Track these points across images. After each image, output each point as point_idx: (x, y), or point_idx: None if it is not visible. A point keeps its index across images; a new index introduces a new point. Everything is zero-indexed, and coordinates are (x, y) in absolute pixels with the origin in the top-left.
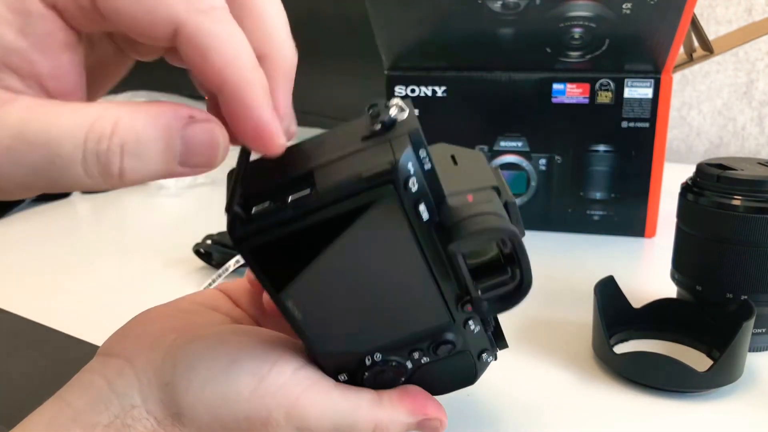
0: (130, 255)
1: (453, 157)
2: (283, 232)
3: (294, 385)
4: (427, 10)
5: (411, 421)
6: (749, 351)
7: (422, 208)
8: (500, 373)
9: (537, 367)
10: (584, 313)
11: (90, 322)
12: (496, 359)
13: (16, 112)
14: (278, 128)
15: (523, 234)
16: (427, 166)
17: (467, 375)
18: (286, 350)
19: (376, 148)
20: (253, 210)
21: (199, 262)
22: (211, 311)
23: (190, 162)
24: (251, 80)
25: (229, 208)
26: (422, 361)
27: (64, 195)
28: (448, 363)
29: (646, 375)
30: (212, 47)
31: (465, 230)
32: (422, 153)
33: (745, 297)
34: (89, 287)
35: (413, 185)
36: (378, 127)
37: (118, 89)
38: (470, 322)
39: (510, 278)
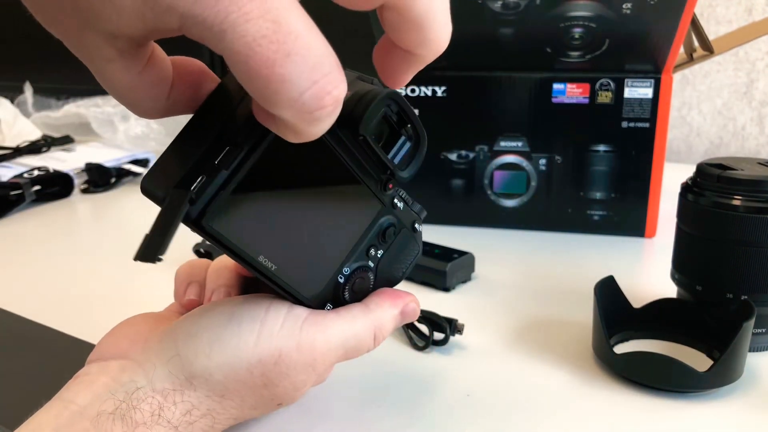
0: (130, 255)
1: None
2: (227, 195)
3: (293, 319)
4: None
5: (396, 312)
6: (749, 351)
7: None
8: (500, 373)
9: (536, 367)
10: (584, 313)
11: (90, 322)
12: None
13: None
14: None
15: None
16: None
17: (413, 249)
18: (273, 298)
19: None
20: (193, 188)
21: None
22: (180, 315)
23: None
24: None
25: (164, 197)
26: (379, 255)
27: (64, 195)
28: (396, 246)
29: (646, 375)
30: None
31: (362, 111)
32: None
33: (746, 297)
34: (89, 287)
35: None
36: None
37: None
38: (396, 201)
39: (408, 137)
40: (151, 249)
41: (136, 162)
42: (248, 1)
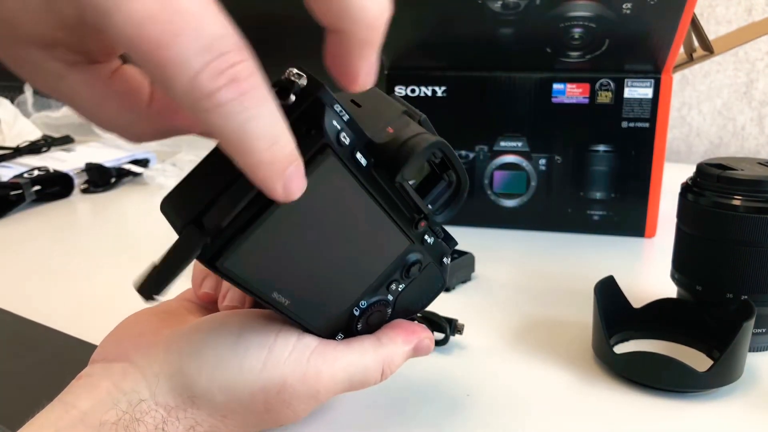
0: (130, 255)
1: (353, 101)
2: (246, 236)
3: (302, 349)
4: (427, 10)
5: (409, 348)
6: (749, 351)
7: (359, 156)
8: (500, 373)
9: (537, 367)
10: (584, 313)
11: (90, 322)
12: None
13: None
14: (280, 189)
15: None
16: (346, 117)
17: (438, 282)
18: (283, 322)
19: (298, 123)
20: (205, 224)
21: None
22: (190, 311)
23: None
24: (255, 164)
25: (182, 228)
26: (400, 289)
27: (64, 195)
28: (419, 281)
29: (646, 375)
30: (216, 136)
31: (403, 159)
32: (337, 107)
33: (746, 297)
34: (89, 287)
35: (345, 139)
36: (289, 102)
37: None
38: (426, 237)
39: (448, 183)
40: (152, 285)
41: (136, 162)
42: None
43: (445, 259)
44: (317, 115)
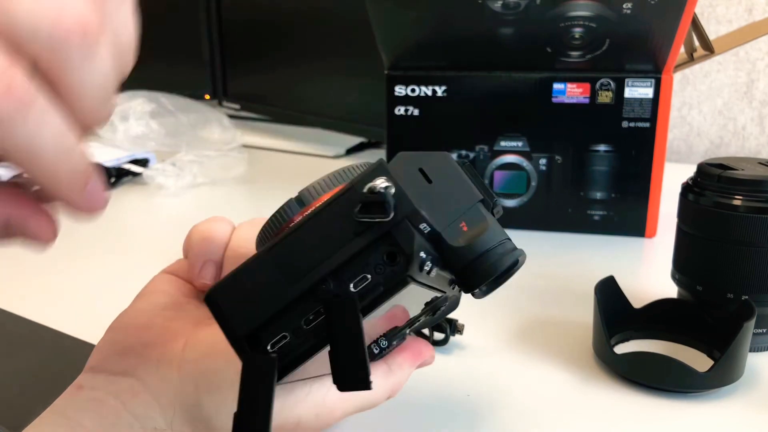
0: (129, 255)
1: (422, 171)
2: (305, 357)
3: (319, 387)
4: (427, 10)
5: (414, 369)
6: (750, 351)
7: (434, 271)
8: (500, 373)
9: (537, 367)
10: (584, 313)
11: (89, 322)
12: None
13: None
14: (86, 207)
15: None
16: (428, 231)
17: (453, 306)
18: None
19: (381, 248)
20: (270, 347)
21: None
22: (189, 302)
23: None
24: (53, 178)
25: (237, 342)
26: (420, 321)
27: None
28: (439, 313)
29: (647, 375)
30: (8, 156)
31: (481, 277)
32: (423, 226)
33: (746, 297)
34: (89, 287)
35: (428, 266)
36: (388, 217)
37: (117, 89)
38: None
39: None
40: (256, 428)
41: (135, 162)
42: None
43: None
44: (406, 244)
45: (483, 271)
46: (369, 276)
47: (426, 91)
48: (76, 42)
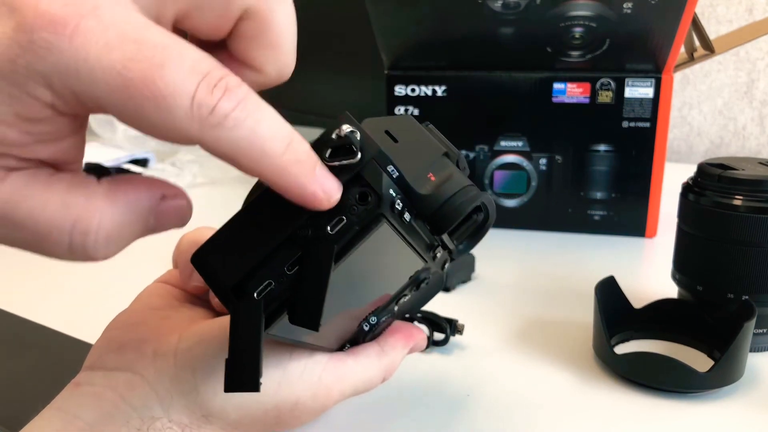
0: (129, 255)
1: (388, 133)
2: (290, 310)
3: (314, 366)
4: (427, 10)
5: (406, 351)
6: (750, 351)
7: (406, 215)
8: (500, 374)
9: (537, 367)
10: (584, 313)
11: (90, 323)
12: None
13: (4, 194)
14: (320, 191)
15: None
16: (396, 175)
17: (438, 285)
18: None
19: (352, 189)
20: (257, 295)
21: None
22: (182, 305)
23: (160, 229)
24: (283, 168)
25: (224, 294)
26: (405, 299)
27: None
28: (424, 289)
29: (647, 375)
30: (235, 156)
31: (450, 221)
32: (390, 168)
33: (746, 297)
34: (89, 287)
35: (398, 205)
36: (356, 158)
37: None
38: (437, 253)
39: (474, 221)
40: (247, 376)
41: (135, 162)
42: (102, 32)
43: (447, 265)
44: (375, 183)
45: (451, 213)
46: (344, 218)
47: (426, 91)
48: None
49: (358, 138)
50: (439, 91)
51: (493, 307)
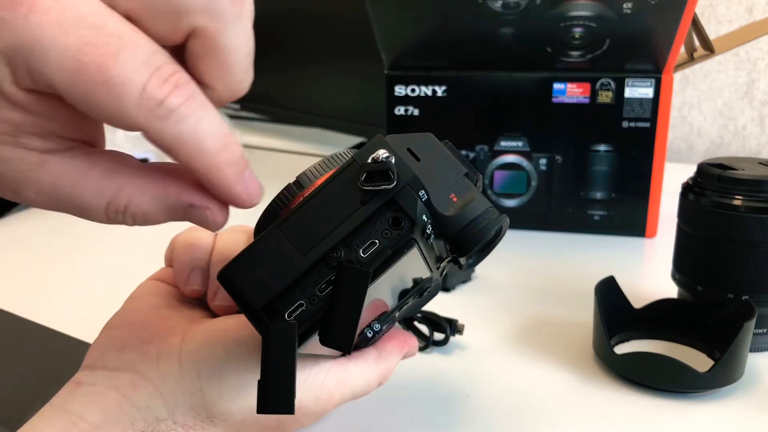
0: (129, 255)
1: (410, 151)
2: (323, 332)
3: (318, 372)
4: (427, 9)
5: (401, 357)
6: (750, 351)
7: (432, 236)
8: (500, 374)
9: (537, 367)
10: (584, 313)
11: (90, 323)
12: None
13: (48, 178)
14: (245, 193)
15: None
16: (425, 198)
17: (436, 290)
18: None
19: (386, 214)
20: (288, 315)
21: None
22: (181, 304)
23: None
24: (216, 166)
25: (255, 315)
26: (407, 306)
27: None
28: (425, 296)
29: (647, 375)
30: (175, 148)
31: (472, 242)
32: (422, 194)
33: (746, 297)
34: (89, 287)
35: (428, 229)
36: (392, 183)
37: None
38: (444, 263)
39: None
40: (283, 398)
41: None
42: (59, 13)
43: (444, 271)
44: (409, 208)
45: (475, 236)
46: (377, 241)
47: (426, 91)
48: (229, 6)
49: (394, 163)
50: (439, 91)
51: (493, 307)
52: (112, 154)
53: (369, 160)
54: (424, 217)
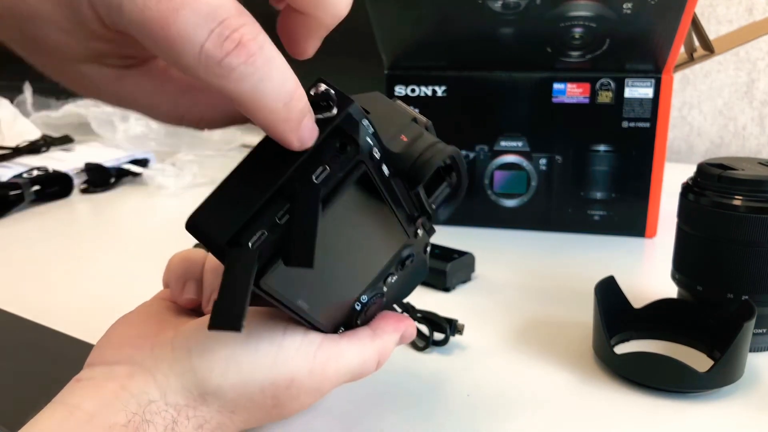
0: (129, 255)
1: (361, 107)
2: (284, 253)
3: (308, 344)
4: (427, 10)
5: (397, 337)
6: (750, 351)
7: (384, 167)
8: (500, 373)
9: (537, 367)
10: (584, 313)
11: (90, 322)
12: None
13: (126, 90)
14: (297, 142)
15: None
16: (371, 130)
17: (423, 270)
18: (288, 320)
19: (332, 142)
20: (251, 244)
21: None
22: (178, 312)
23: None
24: (273, 122)
25: (220, 250)
26: (393, 280)
27: (64, 195)
28: (409, 271)
29: (647, 375)
30: (236, 101)
31: (423, 172)
32: (365, 122)
33: (746, 297)
34: (89, 287)
35: (376, 153)
36: (332, 113)
37: None
38: (419, 231)
39: (449, 184)
40: (232, 317)
41: (135, 162)
42: None
43: (428, 248)
44: (352, 131)
45: (425, 164)
46: (327, 167)
47: (426, 91)
48: None
49: (334, 94)
50: (439, 91)
51: (493, 307)
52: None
53: (311, 93)
54: (368, 139)
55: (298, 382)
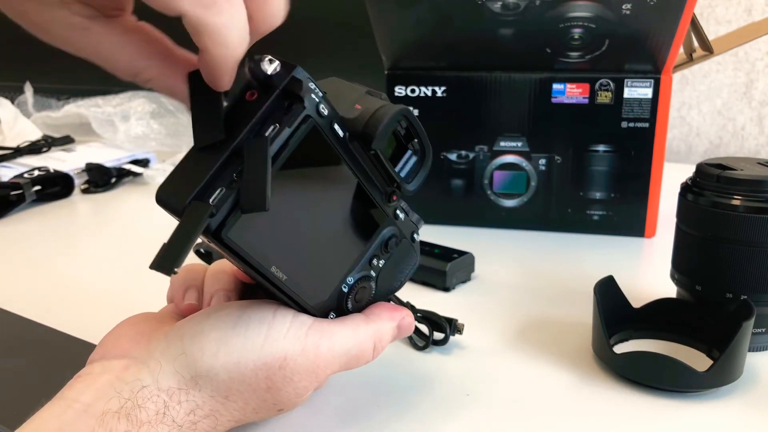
0: (130, 255)
1: None
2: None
3: (299, 325)
4: (427, 10)
5: (394, 325)
6: (749, 351)
7: (336, 127)
8: (500, 374)
9: (537, 367)
10: (584, 313)
11: (90, 322)
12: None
13: (90, 43)
14: (229, 84)
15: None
16: (320, 93)
17: (412, 258)
18: (279, 304)
19: (279, 99)
20: (212, 200)
21: (200, 262)
22: (181, 317)
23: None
24: (224, 59)
25: (183, 209)
26: (380, 265)
27: (65, 195)
28: (396, 256)
29: (646, 375)
30: (203, 35)
31: (376, 128)
32: (311, 84)
33: (745, 297)
34: (89, 287)
35: (324, 110)
36: (275, 71)
37: (118, 89)
38: (398, 213)
39: (414, 152)
40: (168, 260)
41: (136, 162)
42: None
43: (415, 235)
44: (297, 89)
45: (375, 122)
46: (278, 124)
47: (426, 91)
48: None
49: (279, 62)
50: (439, 91)
51: (493, 307)
52: (150, 34)
53: (261, 59)
54: (313, 96)
55: (291, 361)
